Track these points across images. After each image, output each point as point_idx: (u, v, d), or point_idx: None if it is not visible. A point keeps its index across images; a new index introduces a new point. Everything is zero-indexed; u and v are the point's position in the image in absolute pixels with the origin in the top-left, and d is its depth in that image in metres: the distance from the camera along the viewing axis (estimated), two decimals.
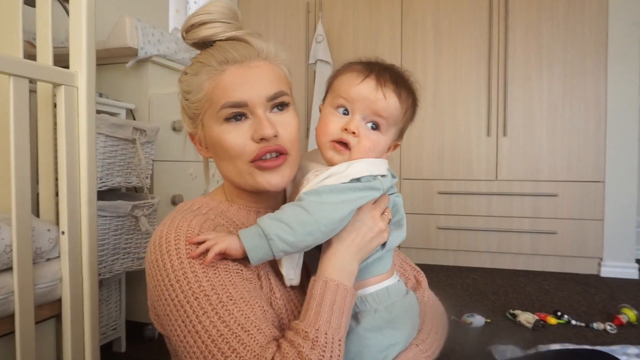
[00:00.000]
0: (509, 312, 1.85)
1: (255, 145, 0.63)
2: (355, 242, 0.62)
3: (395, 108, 0.64)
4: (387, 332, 0.63)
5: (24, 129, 0.92)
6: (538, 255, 2.63)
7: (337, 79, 0.67)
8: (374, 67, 0.65)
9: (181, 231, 0.59)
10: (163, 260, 0.58)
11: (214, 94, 0.64)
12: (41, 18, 1.06)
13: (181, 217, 0.62)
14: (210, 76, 0.64)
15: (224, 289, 0.56)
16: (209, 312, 0.54)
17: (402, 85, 0.65)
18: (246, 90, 0.63)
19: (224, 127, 0.64)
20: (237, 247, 0.57)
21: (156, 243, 0.60)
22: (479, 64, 2.71)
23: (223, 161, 0.67)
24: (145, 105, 1.55)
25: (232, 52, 0.64)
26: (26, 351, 0.92)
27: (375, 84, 0.63)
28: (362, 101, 0.63)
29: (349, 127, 0.63)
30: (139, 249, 1.40)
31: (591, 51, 2.52)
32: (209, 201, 0.70)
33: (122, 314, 1.47)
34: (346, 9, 2.95)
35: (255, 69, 0.65)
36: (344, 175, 0.61)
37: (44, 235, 1.01)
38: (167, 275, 0.57)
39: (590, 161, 2.53)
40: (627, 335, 1.65)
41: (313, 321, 0.55)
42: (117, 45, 1.47)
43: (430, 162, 2.80)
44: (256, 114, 0.63)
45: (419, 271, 0.84)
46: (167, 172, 1.62)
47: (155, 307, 0.61)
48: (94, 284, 1.09)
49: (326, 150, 0.65)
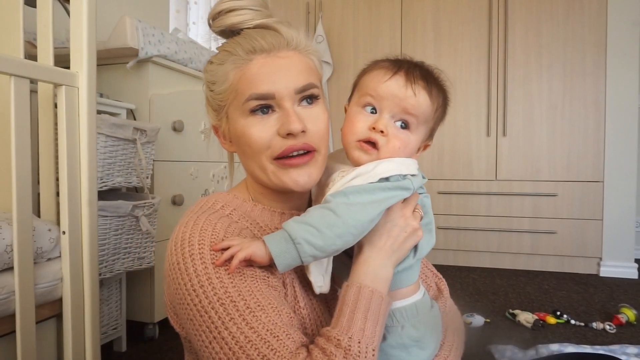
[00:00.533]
0: (508, 311, 1.85)
1: (281, 141, 0.60)
2: (388, 245, 0.59)
3: (426, 106, 0.61)
4: (413, 350, 0.60)
5: (24, 129, 0.92)
6: (538, 255, 2.63)
7: (363, 77, 0.64)
8: (403, 64, 0.62)
9: (206, 235, 0.57)
10: (186, 264, 0.56)
11: (240, 84, 0.61)
12: (42, 18, 1.06)
13: (205, 218, 0.59)
14: (236, 65, 0.61)
15: (251, 295, 0.53)
16: (236, 318, 0.52)
17: (432, 83, 0.62)
18: (274, 81, 0.59)
19: (249, 120, 0.61)
20: (262, 253, 0.54)
21: (178, 245, 0.58)
22: (479, 64, 2.72)
23: (247, 157, 0.64)
24: (146, 106, 1.55)
25: (260, 40, 0.61)
26: (27, 351, 0.93)
27: (405, 80, 0.60)
28: (390, 99, 0.60)
29: (377, 126, 0.60)
30: (140, 248, 1.40)
31: (591, 51, 2.52)
32: (233, 199, 0.67)
33: (122, 313, 1.47)
34: (346, 9, 2.95)
35: (284, 59, 0.61)
36: (372, 175, 0.58)
37: (45, 235, 1.01)
38: (190, 280, 0.55)
39: (590, 161, 2.54)
40: (626, 335, 1.65)
41: (346, 328, 0.52)
42: (118, 45, 1.47)
43: (430, 162, 2.80)
44: (284, 107, 0.60)
45: (440, 278, 0.81)
46: (168, 172, 1.62)
47: (176, 308, 0.59)
48: (95, 284, 1.09)
49: (353, 150, 0.61)
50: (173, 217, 1.64)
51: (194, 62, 1.75)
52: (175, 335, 1.72)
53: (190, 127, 1.72)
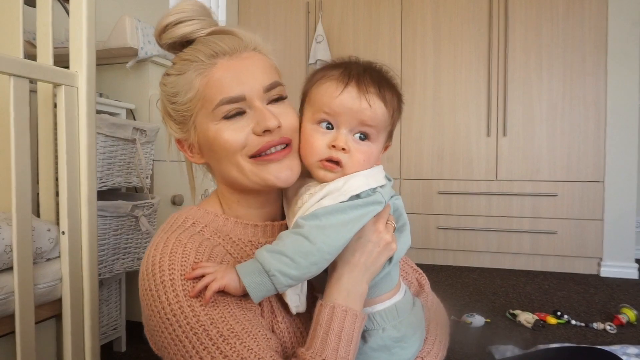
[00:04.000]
0: (508, 312, 1.85)
1: (257, 139, 0.59)
2: (362, 262, 0.58)
3: (382, 114, 0.60)
4: (396, 351, 0.60)
5: (24, 129, 0.92)
6: (538, 255, 2.63)
7: (313, 90, 0.62)
8: (352, 72, 0.60)
9: (175, 259, 0.56)
10: (157, 291, 0.55)
11: (207, 90, 0.59)
12: (41, 18, 1.06)
13: (175, 238, 0.58)
14: (199, 72, 0.60)
15: (224, 322, 0.53)
16: (209, 347, 0.51)
17: (385, 86, 0.61)
18: (242, 82, 0.59)
19: (221, 125, 0.60)
20: (236, 284, 0.53)
21: (149, 270, 0.57)
22: (479, 64, 2.71)
23: (222, 161, 0.62)
24: (146, 106, 1.55)
25: (221, 44, 0.60)
26: (26, 351, 0.93)
27: (357, 91, 0.58)
28: (346, 113, 0.58)
29: (337, 144, 0.58)
30: (139, 249, 1.40)
31: (591, 51, 2.52)
32: (204, 215, 0.65)
33: (122, 313, 1.47)
34: (346, 9, 2.95)
35: (248, 60, 0.61)
36: (342, 193, 0.57)
37: (44, 235, 1.01)
38: (163, 309, 0.54)
39: (590, 161, 2.53)
40: (626, 335, 1.65)
41: (320, 350, 0.53)
42: (118, 45, 1.47)
43: (430, 162, 2.80)
44: (255, 106, 0.60)
45: (421, 273, 0.82)
46: (167, 172, 1.62)
47: (152, 334, 0.58)
48: (94, 284, 1.09)
49: (317, 170, 0.61)
50: None
51: None
52: None
53: None
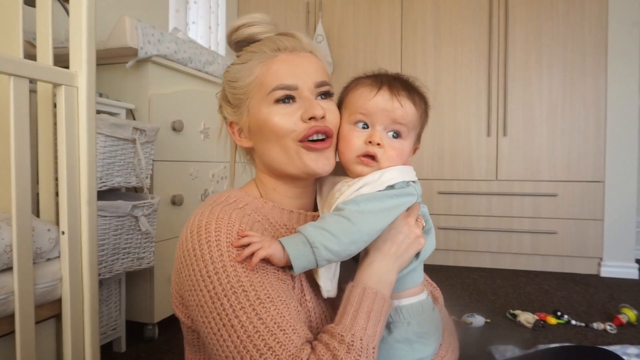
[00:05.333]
0: (509, 312, 1.85)
1: (304, 125, 0.65)
2: (392, 251, 0.62)
3: (412, 114, 0.66)
4: (417, 346, 0.63)
5: (24, 129, 0.92)
6: (538, 255, 2.63)
7: (348, 96, 0.69)
8: (383, 79, 0.67)
9: (222, 223, 0.59)
10: (202, 250, 0.57)
11: (265, 77, 0.66)
12: (41, 18, 1.06)
13: (220, 209, 0.62)
14: (261, 61, 0.67)
15: (262, 287, 0.56)
16: (246, 308, 0.54)
17: (414, 92, 0.67)
18: (297, 74, 0.66)
19: (272, 109, 0.65)
20: (280, 255, 0.57)
21: (194, 232, 0.59)
22: (479, 64, 2.71)
23: (269, 143, 0.67)
24: (145, 105, 1.55)
25: (284, 41, 0.68)
26: (26, 351, 0.93)
27: (390, 94, 0.65)
28: (380, 112, 0.65)
29: (373, 140, 0.64)
30: (139, 249, 1.40)
31: (591, 51, 2.52)
32: (244, 195, 0.70)
33: (122, 313, 1.47)
34: (346, 9, 2.95)
35: (304, 58, 0.68)
36: (379, 183, 0.63)
37: (44, 235, 1.01)
38: (206, 266, 0.56)
39: (590, 161, 2.53)
40: (627, 335, 1.65)
41: (349, 326, 0.55)
42: (117, 45, 1.47)
43: (430, 162, 2.80)
44: (305, 97, 0.66)
45: (435, 287, 0.84)
46: (167, 172, 1.62)
47: (185, 296, 0.60)
48: (94, 284, 1.09)
49: (354, 165, 0.66)
50: (172, 217, 1.63)
51: (194, 61, 1.75)
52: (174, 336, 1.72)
53: (189, 127, 1.71)
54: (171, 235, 1.63)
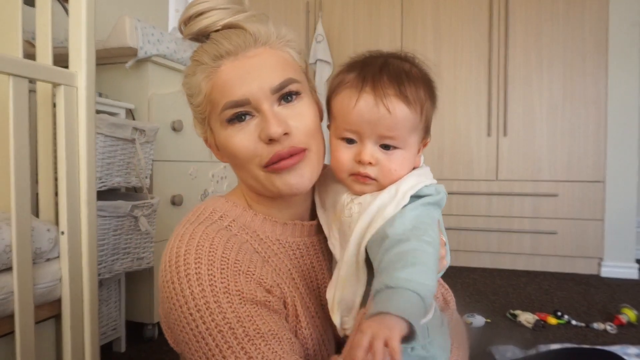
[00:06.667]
0: (509, 312, 1.85)
1: (266, 148, 0.56)
2: None
3: (404, 118, 0.54)
4: None
5: (23, 129, 0.92)
6: (538, 255, 2.62)
7: (333, 101, 0.59)
8: (367, 73, 0.55)
9: (202, 252, 0.53)
10: (181, 284, 0.52)
11: (213, 94, 0.58)
12: (41, 18, 1.05)
13: (202, 231, 0.56)
14: (205, 75, 0.58)
15: (251, 321, 0.51)
16: (234, 347, 0.49)
17: (406, 83, 0.55)
18: (246, 84, 0.55)
19: (229, 131, 0.58)
20: (402, 326, 0.42)
21: (172, 262, 0.54)
22: (479, 64, 2.71)
23: (237, 167, 0.61)
24: (145, 105, 1.55)
25: (225, 43, 0.57)
26: (26, 351, 0.92)
27: (374, 98, 0.54)
28: (365, 125, 0.54)
29: (362, 159, 0.55)
30: (139, 249, 1.40)
31: (591, 51, 2.52)
32: (232, 208, 0.63)
33: (122, 314, 1.47)
34: (346, 9, 2.95)
35: (254, 58, 0.57)
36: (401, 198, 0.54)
37: (44, 235, 1.00)
38: (187, 303, 0.51)
39: (590, 161, 2.53)
40: (627, 335, 1.65)
41: None
42: (117, 45, 1.47)
43: (430, 162, 2.79)
44: (262, 110, 0.56)
45: (447, 289, 0.78)
46: (167, 172, 1.62)
47: (171, 327, 0.56)
48: (94, 284, 1.09)
49: (351, 184, 0.59)
50: (172, 217, 1.63)
51: None
52: None
53: (189, 127, 1.71)
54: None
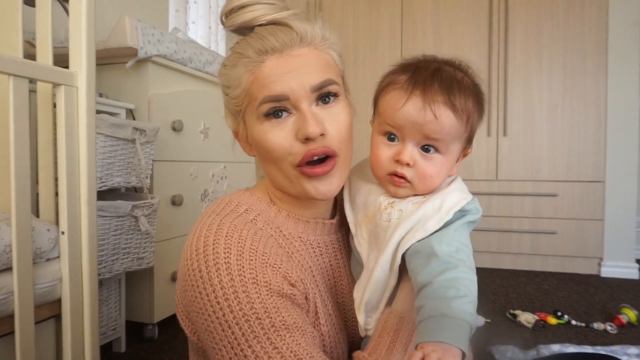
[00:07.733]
0: (509, 312, 1.85)
1: (301, 147, 0.56)
2: None
3: (450, 125, 0.55)
4: None
5: (23, 129, 0.92)
6: (538, 255, 2.62)
7: (380, 98, 0.60)
8: (418, 78, 0.56)
9: (232, 242, 0.53)
10: (209, 273, 0.52)
11: (253, 88, 0.57)
12: (41, 18, 1.06)
13: (230, 222, 0.56)
14: (248, 69, 0.58)
15: (277, 313, 0.51)
16: (260, 337, 0.50)
17: (456, 92, 0.55)
18: (287, 81, 0.55)
19: (265, 125, 0.57)
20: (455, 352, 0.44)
21: (200, 250, 0.54)
22: (479, 64, 2.70)
23: (267, 163, 0.61)
24: (145, 105, 1.55)
25: (271, 39, 0.57)
26: (26, 351, 0.92)
27: (422, 102, 0.54)
28: (410, 126, 0.55)
29: (401, 159, 0.56)
30: (139, 249, 1.40)
31: (591, 51, 2.52)
32: (256, 202, 0.63)
33: (122, 314, 1.47)
34: (346, 9, 2.95)
35: (298, 57, 0.57)
36: (445, 213, 0.55)
37: (44, 235, 1.00)
38: (214, 291, 0.51)
39: (590, 161, 2.53)
40: (627, 335, 1.65)
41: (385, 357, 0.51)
42: (117, 45, 1.47)
43: None
44: (300, 108, 0.56)
45: None
46: (167, 172, 1.62)
47: (192, 317, 0.56)
48: (94, 284, 1.09)
49: (386, 184, 0.59)
50: (172, 217, 1.63)
51: (194, 61, 1.75)
52: (175, 336, 1.72)
53: (189, 127, 1.71)
54: (171, 235, 1.63)
